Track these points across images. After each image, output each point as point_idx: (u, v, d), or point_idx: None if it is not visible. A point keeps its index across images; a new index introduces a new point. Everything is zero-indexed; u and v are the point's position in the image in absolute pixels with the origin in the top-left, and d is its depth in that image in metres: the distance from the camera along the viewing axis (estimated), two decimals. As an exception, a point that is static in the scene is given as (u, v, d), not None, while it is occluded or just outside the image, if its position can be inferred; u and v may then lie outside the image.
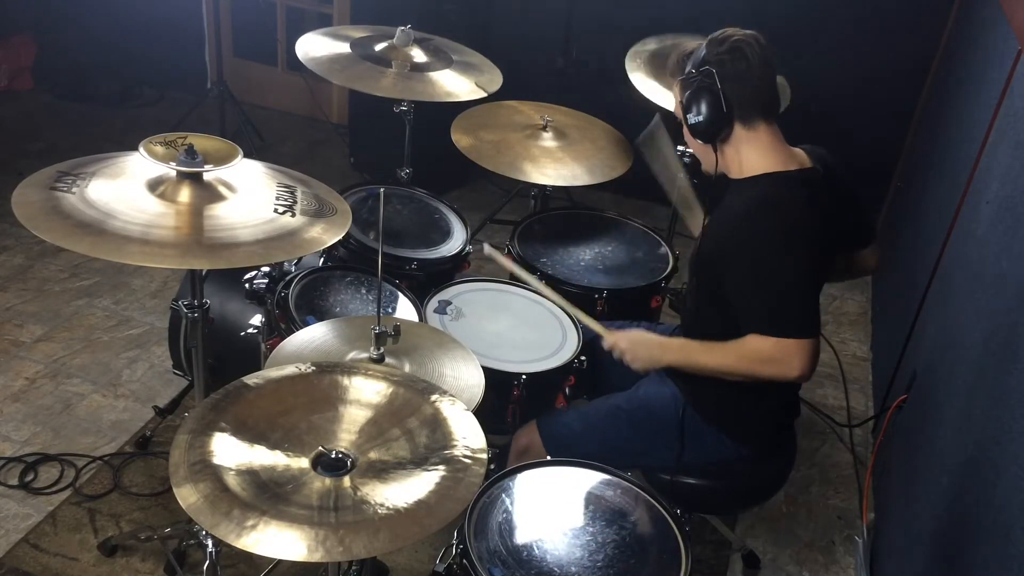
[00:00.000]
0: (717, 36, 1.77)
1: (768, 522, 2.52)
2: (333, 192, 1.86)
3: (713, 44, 1.76)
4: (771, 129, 1.79)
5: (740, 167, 1.81)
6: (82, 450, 2.48)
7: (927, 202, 2.97)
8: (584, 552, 1.55)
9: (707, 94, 1.75)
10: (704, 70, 1.74)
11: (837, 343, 3.28)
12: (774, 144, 1.80)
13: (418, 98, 2.49)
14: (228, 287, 2.30)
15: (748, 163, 1.80)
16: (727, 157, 1.83)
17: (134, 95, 4.67)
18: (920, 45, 3.59)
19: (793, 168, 1.78)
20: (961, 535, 1.63)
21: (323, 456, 1.33)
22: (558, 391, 2.05)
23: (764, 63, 1.75)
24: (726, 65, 1.73)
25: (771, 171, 1.77)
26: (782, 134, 1.82)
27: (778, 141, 1.80)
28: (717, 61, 1.73)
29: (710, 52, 1.75)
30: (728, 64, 1.73)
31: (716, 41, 1.76)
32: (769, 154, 1.79)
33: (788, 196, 1.74)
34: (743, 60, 1.73)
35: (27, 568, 2.13)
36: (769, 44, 1.77)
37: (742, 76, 1.74)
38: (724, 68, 1.73)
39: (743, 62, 1.73)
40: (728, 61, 1.73)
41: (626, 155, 2.62)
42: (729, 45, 1.74)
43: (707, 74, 1.74)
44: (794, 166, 1.79)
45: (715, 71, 1.73)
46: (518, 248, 2.43)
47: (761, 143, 1.79)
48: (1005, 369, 1.61)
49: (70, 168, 1.67)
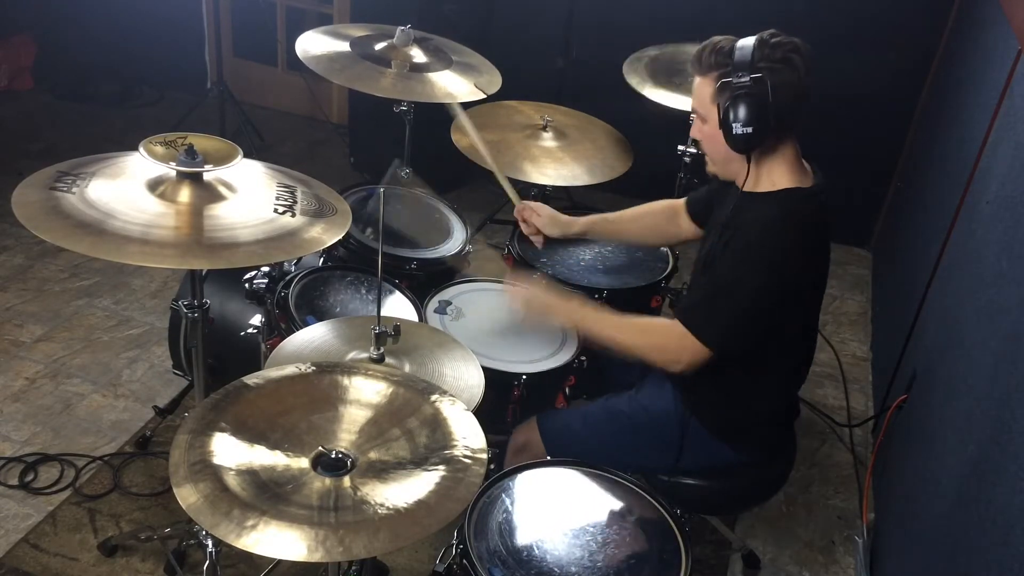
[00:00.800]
0: (767, 38, 1.63)
1: (768, 522, 2.52)
2: (333, 192, 1.86)
3: (763, 47, 1.62)
4: (795, 144, 1.73)
5: (761, 180, 1.74)
6: (82, 450, 2.48)
7: (927, 202, 2.97)
8: (584, 552, 1.55)
9: (758, 103, 1.60)
10: (757, 77, 1.60)
11: (837, 343, 3.28)
12: (796, 159, 1.74)
13: (417, 99, 2.49)
14: (228, 287, 2.30)
15: (772, 177, 1.72)
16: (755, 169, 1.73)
17: (134, 95, 4.67)
18: (920, 45, 3.59)
19: (808, 185, 1.73)
20: (961, 535, 1.63)
21: (323, 456, 1.33)
22: (558, 391, 2.05)
23: (809, 74, 1.64)
24: (778, 74, 1.61)
25: (794, 187, 1.71)
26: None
27: (799, 156, 1.74)
28: (768, 68, 1.61)
29: (760, 56, 1.61)
30: (780, 73, 1.61)
31: (767, 44, 1.62)
32: (792, 169, 1.73)
33: (804, 212, 1.70)
34: (794, 70, 1.62)
35: (27, 568, 2.13)
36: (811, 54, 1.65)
37: (792, 88, 1.62)
38: (776, 77, 1.61)
39: (794, 72, 1.62)
40: (780, 70, 1.61)
41: (626, 155, 2.62)
42: (782, 53, 1.61)
43: (759, 82, 1.60)
44: (809, 183, 1.74)
45: (768, 80, 1.60)
46: (518, 248, 2.43)
47: (787, 158, 1.72)
48: (1005, 369, 1.61)
49: (70, 168, 1.67)
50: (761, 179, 1.74)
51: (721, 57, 1.66)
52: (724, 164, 1.78)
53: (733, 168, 1.76)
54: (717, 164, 1.81)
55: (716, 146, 1.74)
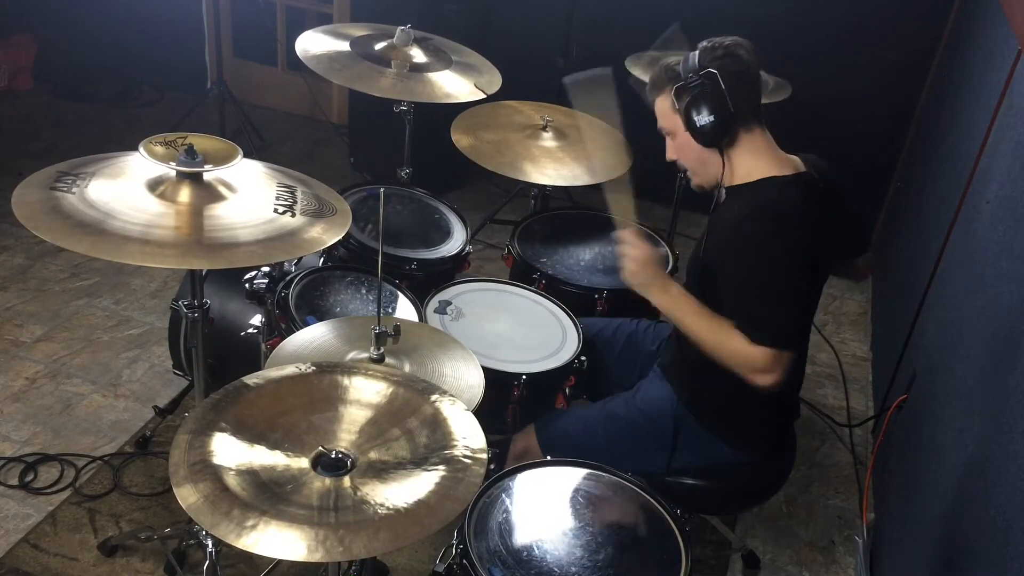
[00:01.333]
0: (707, 44, 1.77)
1: (768, 522, 2.52)
2: (333, 192, 1.86)
3: (707, 51, 1.76)
4: (764, 133, 1.80)
5: (736, 173, 1.81)
6: (82, 450, 2.48)
7: (927, 202, 2.97)
8: (584, 552, 1.55)
9: (713, 96, 1.73)
10: (706, 73, 1.73)
11: (837, 343, 3.28)
12: (769, 147, 1.80)
13: (417, 99, 2.49)
14: (228, 287, 2.31)
15: (745, 168, 1.79)
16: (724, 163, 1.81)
17: (134, 95, 4.67)
18: (920, 45, 3.59)
19: (788, 173, 1.78)
20: (961, 535, 1.63)
21: (323, 456, 1.33)
22: (558, 391, 2.05)
23: (757, 64, 1.77)
24: (727, 67, 1.73)
25: (768, 176, 1.77)
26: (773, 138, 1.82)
27: (771, 145, 1.81)
28: (718, 64, 1.73)
29: (706, 57, 1.75)
30: (728, 66, 1.73)
31: (709, 48, 1.76)
32: (764, 158, 1.79)
33: (782, 199, 1.74)
34: (740, 61, 1.74)
35: (27, 568, 2.13)
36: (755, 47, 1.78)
37: (742, 76, 1.74)
38: (725, 69, 1.73)
39: (740, 63, 1.74)
40: (728, 63, 1.73)
41: (626, 155, 2.62)
42: (724, 49, 1.75)
43: (709, 76, 1.73)
44: (789, 170, 1.78)
45: (717, 73, 1.72)
46: (518, 248, 2.44)
47: (756, 147, 1.79)
48: (1005, 369, 1.61)
49: (70, 168, 1.67)
50: (737, 172, 1.80)
51: (671, 72, 1.80)
52: (703, 169, 1.85)
53: (712, 170, 1.83)
54: (699, 174, 1.87)
55: (690, 153, 1.83)
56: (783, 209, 1.73)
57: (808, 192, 1.77)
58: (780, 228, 1.71)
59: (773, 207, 1.73)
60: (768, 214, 1.72)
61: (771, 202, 1.74)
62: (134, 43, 4.61)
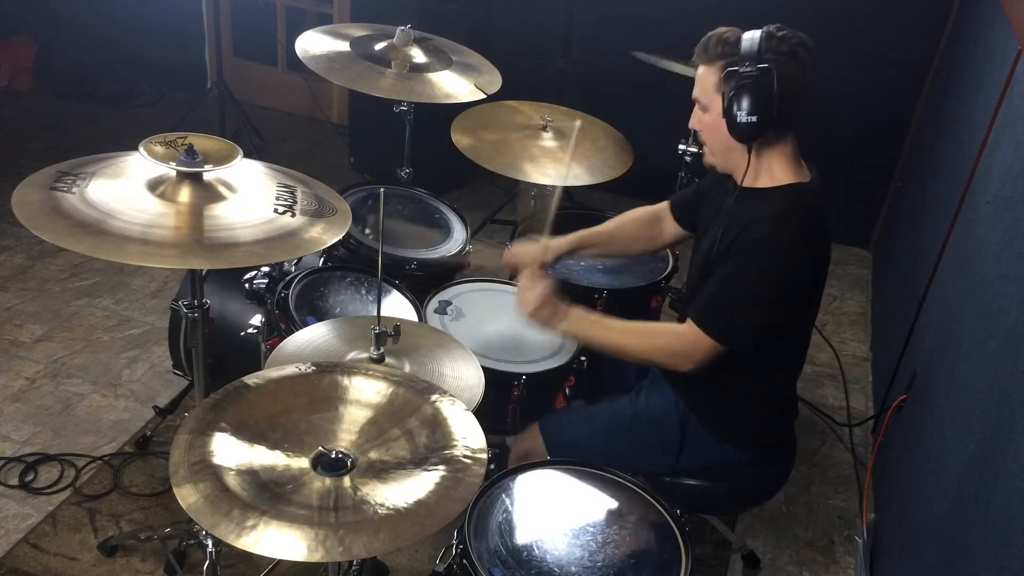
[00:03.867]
0: (773, 31, 1.65)
1: (768, 522, 2.52)
2: (333, 192, 1.86)
3: (771, 39, 1.63)
4: (794, 139, 1.75)
5: (760, 174, 1.74)
6: (82, 450, 2.48)
7: (927, 202, 2.97)
8: (584, 552, 1.55)
9: (763, 93, 1.61)
10: (764, 67, 1.61)
11: (837, 343, 3.28)
12: (795, 153, 1.75)
13: (417, 99, 2.49)
14: (228, 287, 2.30)
15: (772, 171, 1.73)
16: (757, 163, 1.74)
17: (134, 95, 4.67)
18: (920, 45, 3.59)
19: (806, 180, 1.75)
20: (961, 535, 1.63)
21: (323, 456, 1.33)
22: (558, 391, 2.05)
23: (814, 69, 1.66)
24: (784, 66, 1.62)
25: (794, 182, 1.73)
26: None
27: (797, 151, 1.76)
28: (775, 60, 1.62)
29: (767, 47, 1.62)
30: (786, 65, 1.62)
31: (774, 37, 1.64)
32: (792, 164, 1.74)
33: (809, 208, 1.71)
34: (799, 63, 1.64)
35: (27, 568, 2.13)
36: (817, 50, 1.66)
37: (796, 81, 1.63)
38: (782, 69, 1.62)
39: (799, 65, 1.64)
40: (787, 62, 1.62)
41: (626, 155, 2.62)
42: (789, 46, 1.63)
43: (766, 72, 1.61)
44: (807, 178, 1.75)
45: (774, 71, 1.61)
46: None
47: (787, 152, 1.73)
48: (1005, 369, 1.61)
49: (70, 168, 1.67)
50: (761, 173, 1.75)
51: (727, 47, 1.67)
52: (724, 155, 1.78)
53: (733, 159, 1.76)
54: (717, 155, 1.80)
55: (717, 136, 1.74)
56: (808, 217, 1.70)
57: (819, 202, 1.74)
58: (804, 235, 1.68)
59: (798, 214, 1.69)
60: (792, 220, 1.68)
61: (796, 209, 1.70)
62: (134, 43, 4.61)
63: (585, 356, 2.05)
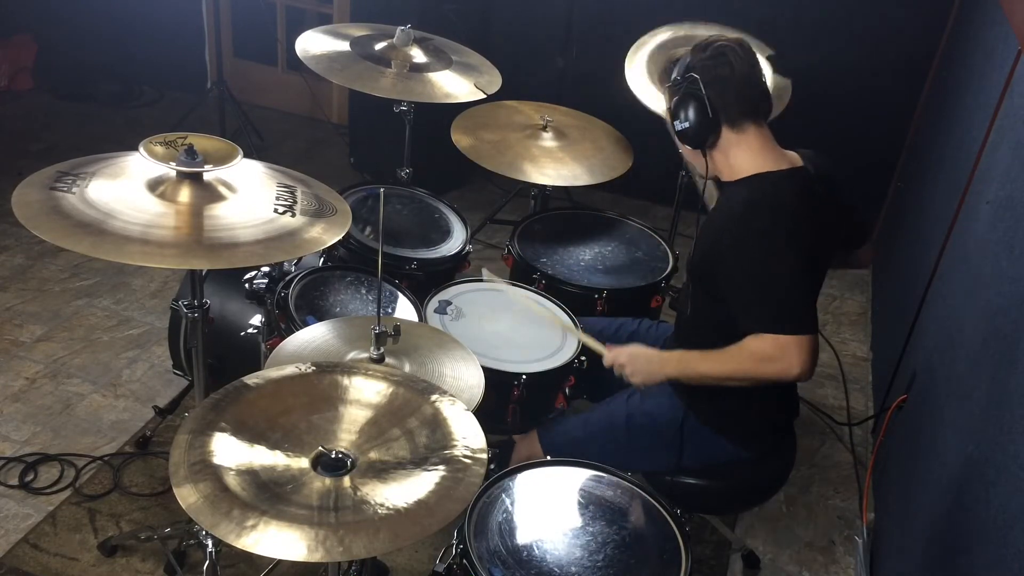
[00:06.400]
0: (701, 43, 1.79)
1: (768, 522, 2.52)
2: (333, 192, 1.86)
3: (697, 51, 1.78)
4: (760, 131, 1.80)
5: (730, 170, 1.82)
6: (82, 450, 2.48)
7: (927, 202, 2.97)
8: (584, 552, 1.55)
9: (692, 100, 1.77)
10: (688, 76, 1.77)
11: (837, 343, 3.28)
12: (764, 145, 1.80)
13: (417, 99, 2.49)
14: (228, 287, 2.31)
15: (737, 165, 1.81)
16: (716, 161, 1.84)
17: (134, 95, 4.67)
18: (920, 45, 3.59)
19: (784, 167, 1.79)
20: (961, 535, 1.63)
21: (323, 456, 1.33)
22: (558, 391, 2.05)
23: (748, 66, 1.77)
24: (710, 70, 1.75)
25: (760, 171, 1.77)
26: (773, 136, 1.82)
27: (768, 142, 1.81)
28: (701, 67, 1.76)
29: (694, 59, 1.78)
30: (712, 69, 1.75)
31: (700, 48, 1.79)
32: (758, 155, 1.79)
33: (775, 193, 1.75)
34: (726, 65, 1.75)
35: (27, 568, 2.13)
36: (751, 48, 1.79)
37: (726, 80, 1.75)
38: (708, 73, 1.75)
39: (726, 67, 1.75)
40: (712, 67, 1.75)
41: (626, 155, 2.62)
42: (712, 51, 1.76)
43: (691, 80, 1.76)
44: (784, 165, 1.79)
45: (699, 77, 1.75)
46: (518, 248, 2.43)
47: (750, 145, 1.79)
48: (1005, 369, 1.61)
49: (70, 168, 1.67)
50: (732, 168, 1.82)
51: (671, 68, 1.86)
52: (692, 160, 1.91)
53: (699, 164, 1.88)
54: (692, 165, 1.95)
55: (682, 148, 1.91)
56: (774, 202, 1.74)
57: (802, 186, 1.77)
58: (774, 221, 1.71)
59: (764, 201, 1.74)
60: (760, 208, 1.73)
61: (762, 196, 1.75)
62: (134, 43, 4.61)
63: (585, 356, 2.05)
